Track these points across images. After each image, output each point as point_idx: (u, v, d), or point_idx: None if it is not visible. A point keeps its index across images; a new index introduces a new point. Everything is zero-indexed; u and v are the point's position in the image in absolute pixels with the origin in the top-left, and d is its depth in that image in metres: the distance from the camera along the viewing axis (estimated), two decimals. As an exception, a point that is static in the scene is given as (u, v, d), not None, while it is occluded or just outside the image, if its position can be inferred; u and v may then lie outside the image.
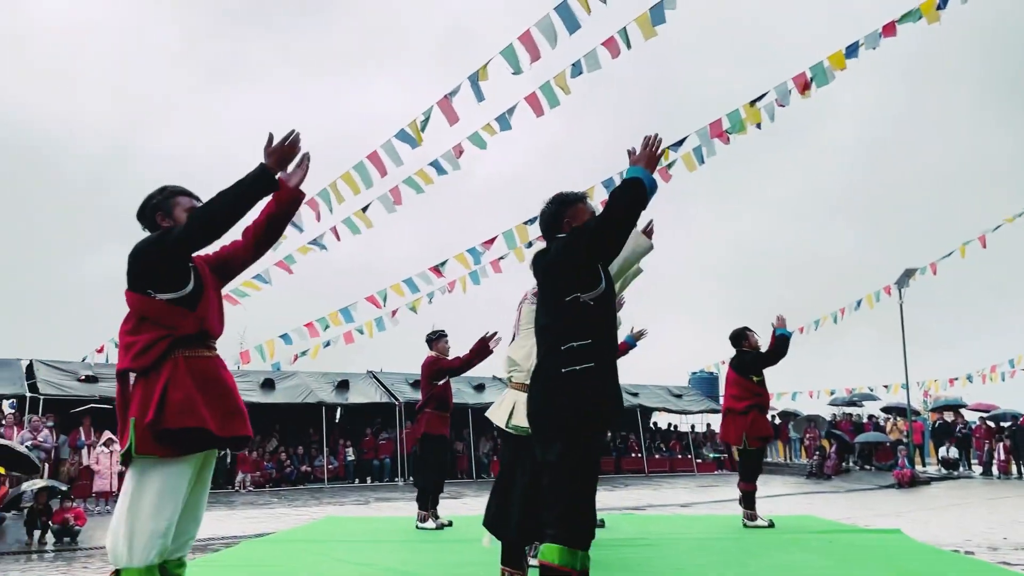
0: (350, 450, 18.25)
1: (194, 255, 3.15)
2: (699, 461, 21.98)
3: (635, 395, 21.34)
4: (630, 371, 23.85)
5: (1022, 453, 18.33)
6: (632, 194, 2.96)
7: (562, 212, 3.34)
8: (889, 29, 10.26)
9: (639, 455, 20.74)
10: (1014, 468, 18.29)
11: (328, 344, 16.79)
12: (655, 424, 24.56)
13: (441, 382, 7.54)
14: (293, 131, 3.00)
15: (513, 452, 4.31)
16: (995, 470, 18.56)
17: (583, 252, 3.07)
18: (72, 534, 9.09)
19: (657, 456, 21.65)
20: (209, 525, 7.62)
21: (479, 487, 16.65)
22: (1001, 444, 18.59)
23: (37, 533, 9.23)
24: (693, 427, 23.44)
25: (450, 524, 7.52)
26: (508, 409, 4.41)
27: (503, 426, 4.38)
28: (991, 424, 20.00)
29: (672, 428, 24.10)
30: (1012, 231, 15.96)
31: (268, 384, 17.50)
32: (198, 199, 3.20)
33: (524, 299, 4.62)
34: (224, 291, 3.40)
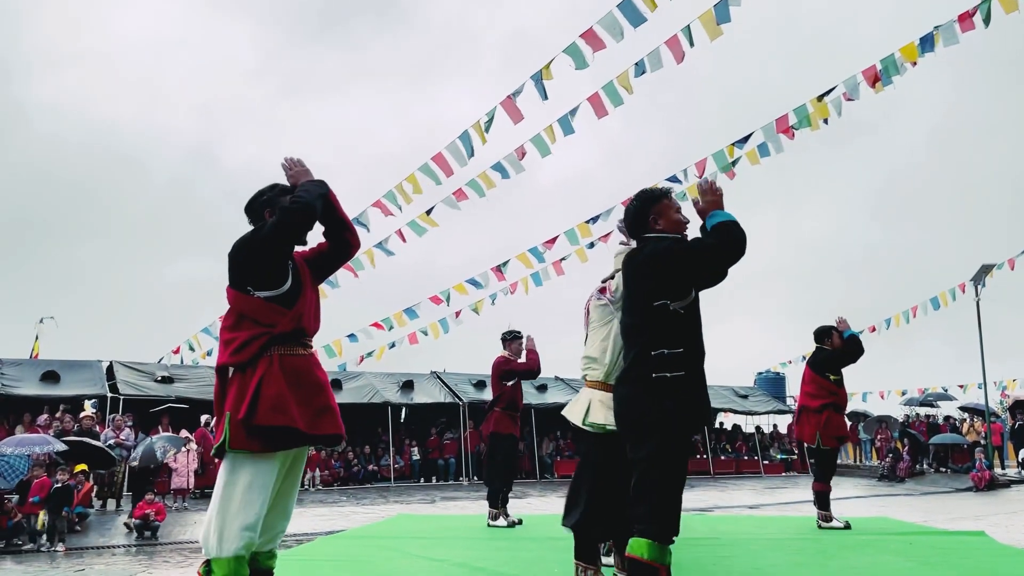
0: (415, 450, 18.47)
1: (294, 252, 3.26)
2: (766, 463, 21.59)
3: (699, 395, 21.09)
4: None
5: (1108, 455, 17.51)
6: (738, 232, 3.07)
7: (647, 209, 3.34)
8: (965, 19, 9.94)
9: (705, 456, 20.47)
10: (1101, 471, 17.48)
11: (393, 345, 17.07)
12: (721, 425, 24.21)
13: (511, 383, 7.60)
14: (288, 158, 3.25)
15: (590, 449, 4.32)
16: (1080, 473, 17.77)
17: (694, 272, 3.15)
18: (152, 528, 9.42)
19: (723, 457, 21.34)
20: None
21: (543, 487, 16.67)
22: (1086, 446, 17.78)
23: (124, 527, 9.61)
24: (759, 428, 23.03)
25: (520, 522, 7.57)
26: (584, 407, 4.41)
27: (580, 423, 4.38)
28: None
29: (738, 429, 23.73)
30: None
31: (335, 384, 17.83)
32: None
33: (591, 297, 4.62)
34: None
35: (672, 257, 3.14)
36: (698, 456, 20.27)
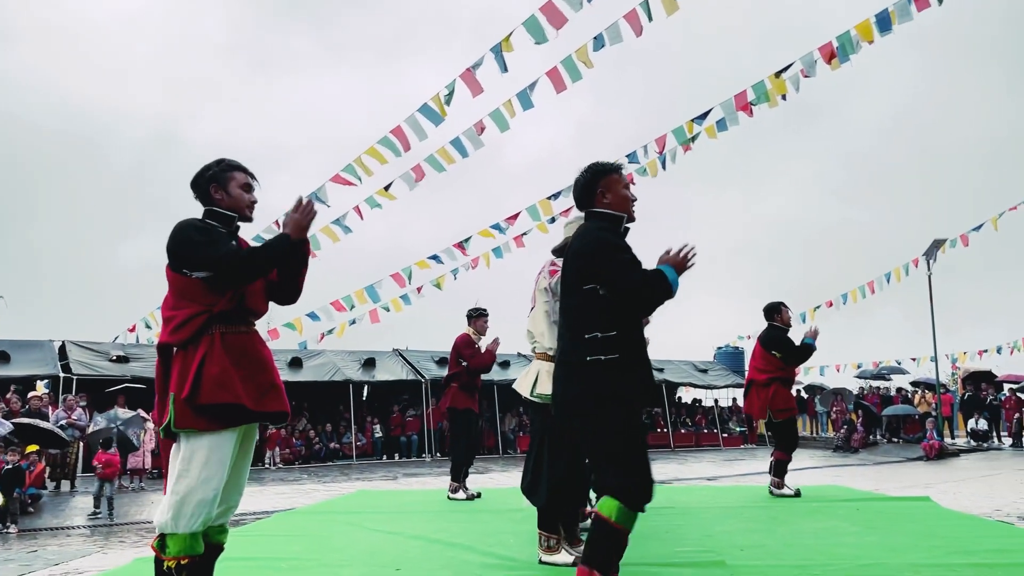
0: (378, 427, 18.45)
1: (240, 238, 3.20)
2: (725, 435, 21.96)
3: (661, 370, 21.32)
4: (656, 347, 23.81)
5: (1053, 424, 18.12)
6: (660, 288, 3.04)
7: (596, 182, 3.31)
8: (922, 1, 10.04)
9: (665, 430, 20.75)
10: (1045, 439, 18.09)
11: (354, 322, 16.95)
12: (680, 399, 24.55)
13: (465, 363, 7.62)
14: (308, 200, 3.07)
15: (541, 421, 4.36)
16: (1025, 441, 18.37)
17: (607, 283, 3.10)
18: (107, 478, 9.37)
19: (683, 431, 21.65)
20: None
21: (505, 462, 16.77)
22: (1032, 415, 18.39)
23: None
24: (718, 402, 23.39)
25: (479, 495, 7.62)
26: (532, 379, 4.46)
27: (528, 395, 4.42)
28: (1021, 395, 19.76)
29: (697, 403, 24.07)
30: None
31: (296, 363, 17.70)
32: (253, 176, 3.24)
33: (542, 271, 4.62)
34: None
35: (601, 255, 3.10)
36: (658, 430, 20.55)
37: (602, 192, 3.29)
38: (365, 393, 19.54)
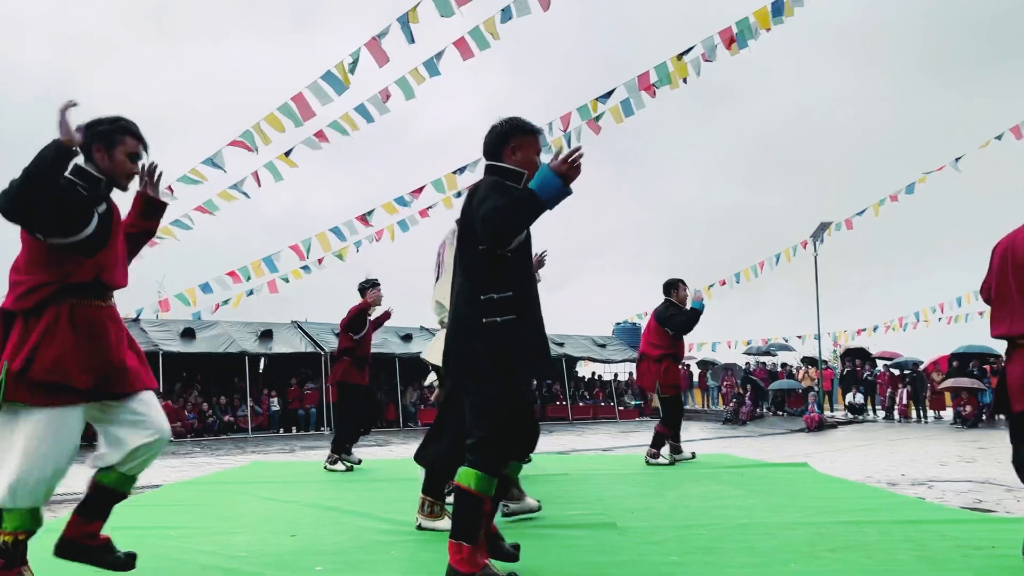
0: (275, 400, 18.10)
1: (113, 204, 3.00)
2: (621, 408, 22.59)
3: (561, 345, 21.70)
4: (557, 322, 24.27)
5: (921, 398, 19.44)
6: (527, 206, 2.87)
7: (510, 136, 3.21)
8: (812, -14, 10.45)
9: (564, 403, 21.17)
10: (913, 412, 19.39)
11: (251, 293, 16.50)
12: (579, 373, 25.07)
13: (358, 336, 7.54)
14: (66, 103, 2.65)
15: (451, 389, 4.33)
16: (896, 414, 19.65)
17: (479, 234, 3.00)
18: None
19: (581, 404, 22.14)
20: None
21: (406, 435, 16.76)
22: (904, 390, 19.67)
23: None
24: (616, 376, 24.02)
25: (359, 462, 7.62)
26: (442, 348, 4.41)
27: (439, 363, 4.39)
28: (894, 372, 21.10)
29: (596, 377, 24.64)
30: (925, 191, 16.67)
31: (188, 333, 17.13)
32: (146, 147, 3.03)
33: (446, 239, 4.60)
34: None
35: (480, 206, 2.98)
36: (557, 403, 20.94)
37: (513, 148, 3.20)
38: (262, 365, 19.11)
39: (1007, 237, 3.47)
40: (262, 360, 19.02)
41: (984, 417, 17.18)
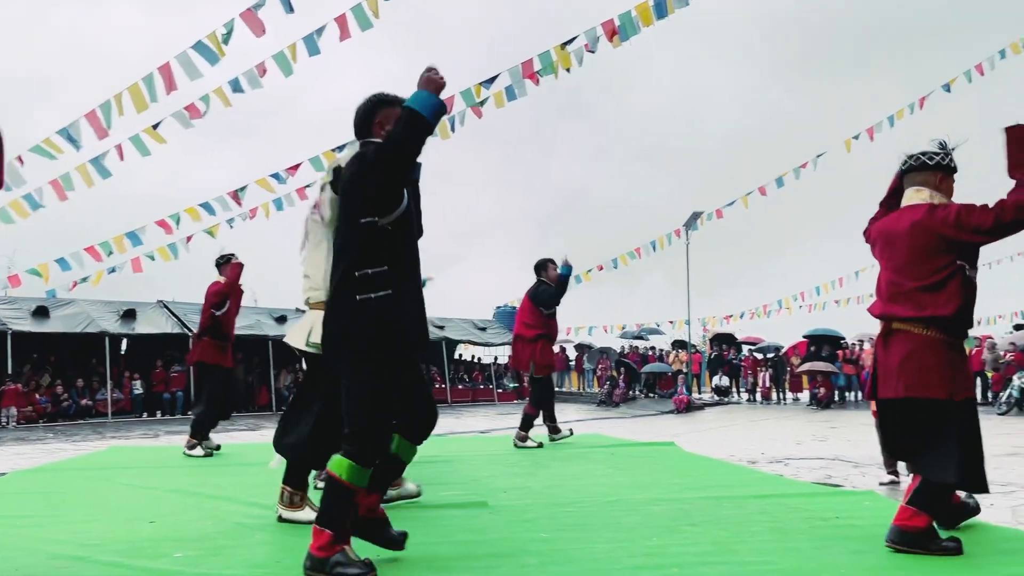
0: (138, 383, 17.20)
1: None
2: (500, 391, 22.83)
3: (441, 328, 21.66)
4: (437, 305, 24.21)
5: (781, 381, 20.62)
6: (413, 123, 2.85)
7: (375, 111, 3.19)
8: (697, -14, 10.75)
9: (443, 386, 21.18)
10: (774, 394, 20.55)
11: (113, 270, 15.58)
12: (460, 356, 25.13)
13: (220, 312, 7.24)
14: None
15: (311, 371, 4.21)
16: (759, 396, 20.77)
17: (373, 185, 2.97)
18: None
19: (460, 387, 22.22)
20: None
21: (278, 420, 16.31)
22: (767, 373, 20.80)
23: None
24: (496, 359, 24.23)
25: (218, 448, 7.37)
26: (307, 329, 4.23)
27: (302, 346, 4.22)
28: (758, 356, 22.28)
29: (476, 360, 24.78)
30: (790, 186, 17.58)
31: (41, 312, 16.02)
32: None
33: (319, 202, 4.37)
34: None
35: (369, 165, 2.98)
36: (436, 386, 20.94)
37: (381, 123, 3.17)
38: (124, 346, 18.13)
39: (881, 222, 3.61)
40: (124, 341, 18.03)
41: (836, 398, 18.39)
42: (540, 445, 7.51)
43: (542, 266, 7.79)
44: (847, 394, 18.77)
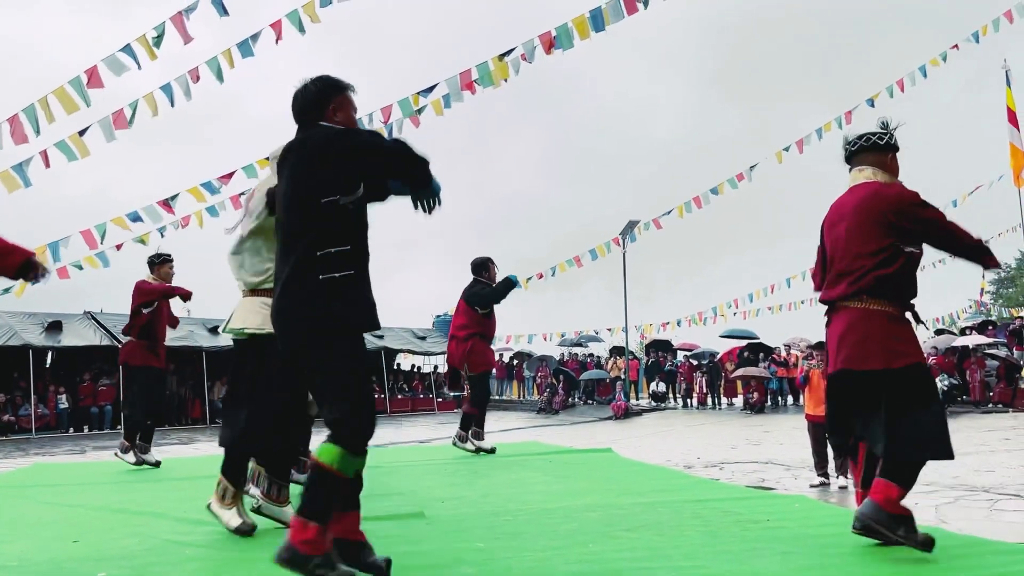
0: (63, 397, 16.63)
1: None
2: (440, 400, 22.73)
3: (380, 337, 21.45)
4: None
5: (716, 386, 21.02)
6: (423, 168, 3.01)
7: (329, 97, 3.06)
8: (631, 4, 10.92)
9: (382, 396, 20.99)
10: (710, 400, 20.93)
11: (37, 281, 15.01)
12: (399, 365, 24.94)
13: (148, 311, 7.06)
14: None
15: (238, 359, 4.07)
16: (695, 401, 21.13)
17: (369, 169, 2.96)
18: None
19: (400, 396, 22.04)
20: None
21: (213, 432, 15.91)
22: (702, 379, 21.18)
23: None
24: (436, 368, 24.11)
25: (158, 464, 7.15)
26: (245, 315, 3.99)
27: (221, 331, 4.02)
28: (693, 362, 22.67)
29: (416, 369, 24.62)
30: (725, 196, 18.00)
31: (-40, 325, 15.37)
32: None
33: (253, 193, 4.23)
34: None
35: (349, 145, 2.90)
36: (376, 395, 20.72)
37: (334, 109, 3.06)
38: (49, 360, 17.49)
39: (829, 210, 3.69)
40: (49, 354, 17.39)
41: (769, 403, 18.83)
42: (477, 451, 7.38)
43: (481, 265, 7.66)
44: (779, 398, 19.25)
